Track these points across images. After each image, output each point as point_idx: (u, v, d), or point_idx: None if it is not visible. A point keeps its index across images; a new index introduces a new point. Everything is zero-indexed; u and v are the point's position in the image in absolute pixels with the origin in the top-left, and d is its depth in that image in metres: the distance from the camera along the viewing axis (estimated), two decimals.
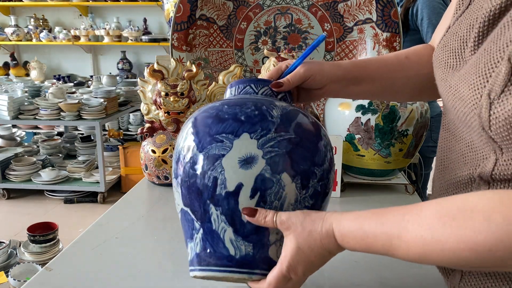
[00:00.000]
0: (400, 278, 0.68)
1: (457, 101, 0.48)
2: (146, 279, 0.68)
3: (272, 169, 0.50)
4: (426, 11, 1.66)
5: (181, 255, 0.75)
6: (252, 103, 0.54)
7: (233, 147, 0.50)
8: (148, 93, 1.06)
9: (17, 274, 1.86)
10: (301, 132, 0.53)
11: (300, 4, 1.27)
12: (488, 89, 0.42)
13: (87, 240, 0.80)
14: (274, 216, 0.50)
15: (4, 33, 4.46)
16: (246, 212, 0.51)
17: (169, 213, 0.92)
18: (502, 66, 0.40)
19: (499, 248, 0.37)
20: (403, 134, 1.01)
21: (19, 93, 3.21)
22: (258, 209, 0.51)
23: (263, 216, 0.51)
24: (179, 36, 1.25)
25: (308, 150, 0.53)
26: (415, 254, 0.43)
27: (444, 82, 0.53)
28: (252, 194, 0.50)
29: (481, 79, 0.43)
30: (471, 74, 0.45)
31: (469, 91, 0.45)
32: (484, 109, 0.42)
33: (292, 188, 0.51)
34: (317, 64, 0.65)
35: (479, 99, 0.43)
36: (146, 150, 1.06)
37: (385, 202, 0.98)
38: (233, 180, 0.50)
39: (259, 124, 0.51)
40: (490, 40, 0.44)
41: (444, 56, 0.53)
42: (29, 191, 3.32)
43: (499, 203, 0.38)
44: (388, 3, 1.19)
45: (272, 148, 0.50)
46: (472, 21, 0.49)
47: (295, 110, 0.55)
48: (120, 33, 4.41)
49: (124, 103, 3.55)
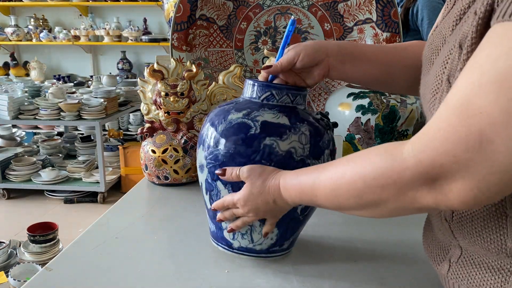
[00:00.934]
0: (400, 278, 0.68)
1: (426, 93, 0.53)
2: (146, 279, 0.68)
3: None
4: (426, 11, 1.67)
5: (181, 255, 0.75)
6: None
7: None
8: (148, 93, 1.06)
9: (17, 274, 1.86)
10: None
11: (300, 4, 1.27)
12: (446, 74, 0.47)
13: (87, 240, 0.80)
14: (238, 170, 0.62)
15: (4, 33, 4.46)
16: (219, 173, 0.64)
17: (169, 213, 0.92)
18: (455, 53, 0.45)
19: (382, 176, 0.45)
20: (403, 134, 1.01)
21: (19, 93, 3.21)
22: (226, 168, 0.63)
23: (229, 173, 0.63)
24: (179, 36, 1.25)
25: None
26: (327, 195, 0.52)
27: (423, 78, 0.58)
28: None
29: (441, 67, 0.48)
30: (436, 65, 0.50)
31: (433, 79, 0.50)
32: (444, 93, 0.47)
33: None
34: (304, 44, 0.69)
35: (440, 84, 0.48)
36: (146, 150, 1.06)
37: None
38: None
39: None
40: (458, 29, 0.49)
41: (428, 53, 0.57)
42: (29, 191, 3.32)
43: (392, 146, 0.46)
44: (388, 3, 1.19)
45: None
46: (451, 20, 0.52)
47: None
48: (120, 33, 4.42)
49: (124, 103, 3.55)
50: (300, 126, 0.64)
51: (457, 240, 0.52)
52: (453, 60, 0.46)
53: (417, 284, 0.67)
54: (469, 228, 0.49)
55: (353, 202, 0.50)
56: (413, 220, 0.90)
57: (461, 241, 0.52)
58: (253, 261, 0.72)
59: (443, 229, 0.54)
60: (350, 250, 0.76)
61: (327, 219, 0.89)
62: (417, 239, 0.81)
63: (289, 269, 0.70)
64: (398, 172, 0.44)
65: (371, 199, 0.47)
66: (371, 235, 0.83)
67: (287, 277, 0.68)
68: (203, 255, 0.74)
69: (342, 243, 0.79)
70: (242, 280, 0.67)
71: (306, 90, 0.70)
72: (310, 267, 0.71)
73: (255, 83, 0.68)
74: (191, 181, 1.07)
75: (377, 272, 0.69)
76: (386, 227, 0.86)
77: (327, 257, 0.74)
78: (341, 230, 0.85)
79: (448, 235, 0.54)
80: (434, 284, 0.67)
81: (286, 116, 0.64)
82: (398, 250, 0.77)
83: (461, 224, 0.50)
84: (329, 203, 0.53)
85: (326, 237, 0.81)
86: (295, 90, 0.67)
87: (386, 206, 0.47)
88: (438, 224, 0.55)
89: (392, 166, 0.44)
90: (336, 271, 0.70)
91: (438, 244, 0.58)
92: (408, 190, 0.44)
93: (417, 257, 0.74)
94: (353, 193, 0.49)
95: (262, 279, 0.67)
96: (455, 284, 0.53)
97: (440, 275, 0.57)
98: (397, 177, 0.44)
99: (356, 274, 0.69)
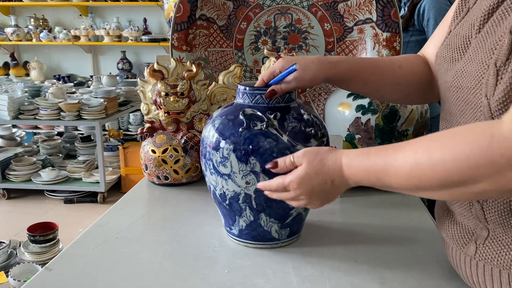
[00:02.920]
0: (400, 278, 0.68)
1: (458, 87, 0.55)
2: (146, 279, 0.68)
3: None
4: (433, 12, 1.66)
5: (181, 255, 0.75)
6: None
7: None
8: (148, 93, 1.06)
9: (17, 274, 1.86)
10: None
11: (300, 4, 1.27)
12: (494, 59, 0.49)
13: (87, 240, 0.80)
14: (291, 157, 0.62)
15: (4, 33, 4.46)
16: (270, 166, 0.64)
17: (169, 213, 0.92)
18: (505, 39, 0.48)
19: (478, 156, 0.44)
20: (403, 134, 1.01)
21: (19, 93, 3.21)
22: (277, 160, 0.63)
23: (282, 163, 0.62)
24: (179, 36, 1.25)
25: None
26: (404, 175, 0.51)
27: (447, 73, 0.60)
28: None
29: (487, 54, 0.50)
30: (476, 54, 0.53)
31: (476, 66, 0.51)
32: (491, 77, 0.48)
33: None
34: (309, 73, 0.72)
35: (486, 69, 0.50)
36: (146, 150, 1.06)
37: (385, 202, 0.98)
38: None
39: None
40: (491, 24, 0.53)
41: (448, 52, 0.60)
42: (29, 191, 3.31)
43: (485, 125, 0.46)
44: (388, 3, 1.19)
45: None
46: (473, 20, 0.56)
47: None
48: (120, 33, 4.41)
49: (124, 103, 3.55)
50: None
51: (486, 223, 0.54)
52: (502, 46, 0.48)
53: (417, 284, 0.67)
54: (502, 209, 0.52)
55: (435, 182, 0.48)
56: (413, 220, 0.90)
57: (491, 223, 0.54)
58: (253, 261, 0.72)
59: (468, 215, 0.57)
60: (350, 250, 0.76)
61: (327, 219, 0.89)
62: (417, 239, 0.81)
63: (289, 269, 0.70)
64: (498, 151, 0.42)
65: (458, 179, 0.46)
66: (371, 235, 0.83)
67: (287, 277, 0.68)
68: (203, 255, 0.74)
69: (342, 243, 0.79)
70: (242, 280, 0.67)
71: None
72: (310, 267, 0.71)
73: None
74: (191, 181, 1.07)
75: (377, 272, 0.69)
76: (386, 227, 0.86)
77: (327, 257, 0.74)
78: (341, 230, 0.85)
79: (474, 219, 0.56)
80: (435, 284, 0.67)
81: None
82: (398, 250, 0.77)
83: (495, 206, 0.52)
84: (404, 183, 0.52)
85: (326, 237, 0.81)
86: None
87: (475, 186, 0.46)
88: (462, 210, 0.58)
89: (491, 144, 0.43)
90: (336, 271, 0.70)
91: (461, 228, 0.60)
92: (508, 170, 0.43)
93: (417, 257, 0.74)
94: (438, 173, 0.47)
95: (262, 279, 0.67)
96: (485, 265, 0.55)
97: (464, 258, 0.59)
98: (498, 157, 0.42)
99: (356, 274, 0.69)
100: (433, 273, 0.69)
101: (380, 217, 0.91)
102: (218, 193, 0.74)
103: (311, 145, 0.69)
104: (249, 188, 0.70)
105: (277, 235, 0.76)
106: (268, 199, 0.68)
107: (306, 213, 0.79)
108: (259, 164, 0.68)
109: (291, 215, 0.74)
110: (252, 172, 0.69)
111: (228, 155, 0.69)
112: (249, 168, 0.68)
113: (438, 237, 0.82)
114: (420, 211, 0.94)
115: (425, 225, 0.87)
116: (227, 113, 0.74)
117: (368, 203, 0.98)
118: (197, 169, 1.07)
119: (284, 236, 0.76)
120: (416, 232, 0.84)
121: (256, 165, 0.68)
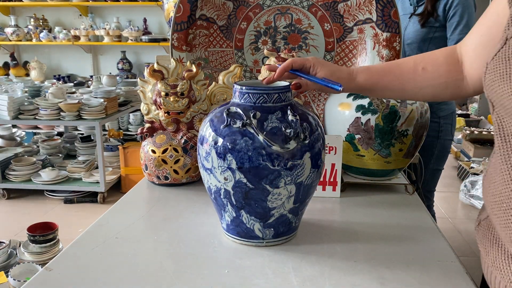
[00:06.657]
0: (400, 278, 0.68)
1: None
2: (146, 279, 0.68)
3: None
4: (467, 15, 1.63)
5: (181, 255, 0.75)
6: None
7: None
8: (148, 93, 1.06)
9: (17, 274, 1.86)
10: None
11: (300, 4, 1.27)
12: None
13: (87, 240, 0.80)
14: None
15: (4, 33, 4.46)
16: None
17: (169, 213, 0.92)
18: None
19: None
20: (403, 134, 1.01)
21: (19, 93, 3.21)
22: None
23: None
24: (179, 36, 1.25)
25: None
26: None
27: (507, 95, 0.50)
28: None
29: None
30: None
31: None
32: None
33: None
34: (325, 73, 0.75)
35: None
36: (146, 150, 1.06)
37: (385, 202, 0.98)
38: None
39: None
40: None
41: (507, 69, 0.51)
42: (29, 191, 3.31)
43: None
44: (388, 3, 1.19)
45: None
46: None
47: None
48: (120, 33, 4.41)
49: (124, 103, 3.55)
50: None
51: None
52: None
53: (417, 284, 0.67)
54: None
55: None
56: (413, 220, 0.90)
57: None
58: (253, 261, 0.72)
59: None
60: (350, 250, 0.76)
61: (327, 219, 0.89)
62: (417, 239, 0.81)
63: (289, 269, 0.70)
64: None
65: None
66: (370, 234, 0.83)
67: (287, 277, 0.68)
68: (203, 255, 0.74)
69: (342, 243, 0.79)
70: (242, 280, 0.67)
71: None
72: (310, 267, 0.71)
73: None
74: (191, 181, 1.07)
75: (377, 272, 0.69)
76: (386, 226, 0.86)
77: (327, 257, 0.74)
78: (341, 230, 0.85)
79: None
80: (435, 284, 0.67)
81: None
82: (398, 249, 0.77)
83: None
84: None
85: (326, 237, 0.81)
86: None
87: None
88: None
89: None
90: (336, 271, 0.70)
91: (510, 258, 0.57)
92: None
93: (417, 257, 0.74)
94: None
95: (262, 279, 0.67)
96: None
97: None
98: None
99: (356, 274, 0.69)
100: (433, 273, 0.69)
101: (380, 217, 0.91)
102: (207, 186, 0.77)
103: (290, 146, 0.69)
104: (227, 184, 0.71)
105: (261, 234, 0.76)
106: (245, 196, 0.71)
107: (294, 216, 0.77)
108: (235, 162, 0.69)
109: (272, 215, 0.74)
110: (228, 168, 0.70)
111: (210, 151, 0.72)
112: (226, 164, 0.70)
113: (438, 237, 0.82)
114: (420, 211, 0.94)
115: (425, 225, 0.87)
116: (218, 110, 0.75)
117: (368, 203, 0.98)
118: (197, 169, 1.06)
119: (269, 236, 0.77)
120: (416, 232, 0.84)
121: (233, 162, 0.69)
